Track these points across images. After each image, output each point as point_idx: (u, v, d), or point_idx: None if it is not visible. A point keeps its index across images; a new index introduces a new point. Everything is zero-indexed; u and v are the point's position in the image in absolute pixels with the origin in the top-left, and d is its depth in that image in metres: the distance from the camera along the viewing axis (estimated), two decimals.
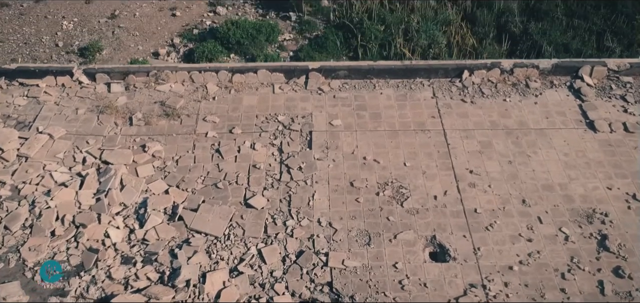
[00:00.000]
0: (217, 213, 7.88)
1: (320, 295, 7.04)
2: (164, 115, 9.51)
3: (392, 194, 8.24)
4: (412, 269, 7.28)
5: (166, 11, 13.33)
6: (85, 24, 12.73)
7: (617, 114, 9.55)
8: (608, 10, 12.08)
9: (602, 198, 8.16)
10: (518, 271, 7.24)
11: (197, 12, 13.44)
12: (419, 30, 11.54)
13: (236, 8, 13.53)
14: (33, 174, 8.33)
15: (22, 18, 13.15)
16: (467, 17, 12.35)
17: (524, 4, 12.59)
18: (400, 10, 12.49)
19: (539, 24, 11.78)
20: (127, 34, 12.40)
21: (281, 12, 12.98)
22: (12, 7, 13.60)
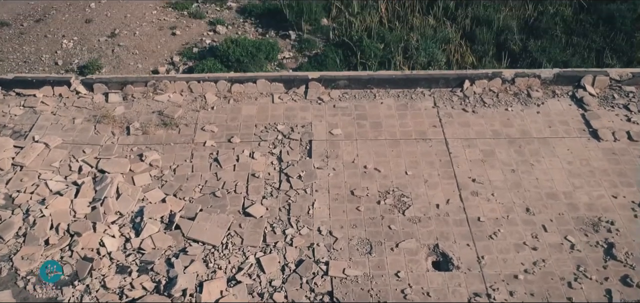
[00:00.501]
0: (215, 222, 7.72)
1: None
2: (161, 124, 9.40)
3: (394, 203, 8.08)
4: (414, 278, 7.09)
5: (166, 30, 13.34)
6: (85, 42, 12.71)
7: (620, 123, 9.44)
8: (607, 27, 12.08)
9: (607, 207, 8.01)
10: (523, 280, 7.06)
11: (197, 31, 13.44)
12: (418, 48, 11.51)
13: (236, 27, 13.53)
14: (28, 183, 8.19)
15: (22, 37, 13.15)
16: (467, 35, 12.34)
17: (523, 22, 12.61)
18: (399, 28, 12.49)
19: (539, 41, 11.76)
20: (127, 52, 12.37)
21: (281, 31, 12.98)
22: (12, 26, 13.62)
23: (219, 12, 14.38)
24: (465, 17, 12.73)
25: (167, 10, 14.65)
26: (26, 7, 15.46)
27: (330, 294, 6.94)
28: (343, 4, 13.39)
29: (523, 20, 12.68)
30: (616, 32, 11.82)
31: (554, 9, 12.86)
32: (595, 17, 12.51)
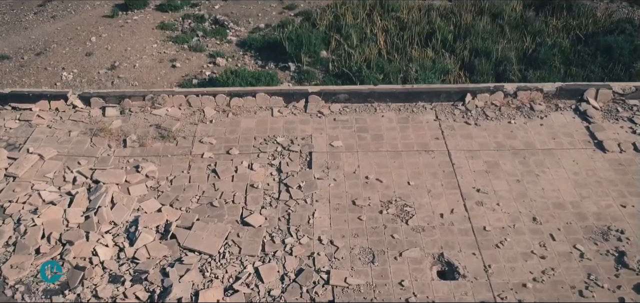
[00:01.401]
0: (212, 231, 7.47)
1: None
2: (159, 137, 9.23)
3: (396, 212, 7.85)
4: (419, 287, 6.81)
5: (166, 63, 13.34)
6: (85, 74, 12.68)
7: (625, 134, 9.29)
8: (605, 58, 12.09)
9: (616, 216, 7.78)
10: (532, 288, 6.78)
11: (197, 63, 13.44)
12: (418, 78, 11.45)
13: (236, 59, 13.55)
14: (20, 193, 7.96)
15: (22, 70, 13.15)
16: (465, 66, 12.32)
17: (521, 53, 12.62)
18: (398, 60, 12.48)
19: (537, 72, 11.74)
20: (126, 84, 12.32)
21: (280, 63, 12.97)
22: (13, 59, 13.65)
23: (219, 46, 14.42)
24: (463, 48, 12.72)
25: (167, 43, 14.71)
26: (27, 41, 15.53)
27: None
28: (342, 36, 13.44)
29: (521, 51, 12.70)
30: (614, 63, 11.80)
31: (552, 41, 12.91)
32: (593, 49, 12.53)
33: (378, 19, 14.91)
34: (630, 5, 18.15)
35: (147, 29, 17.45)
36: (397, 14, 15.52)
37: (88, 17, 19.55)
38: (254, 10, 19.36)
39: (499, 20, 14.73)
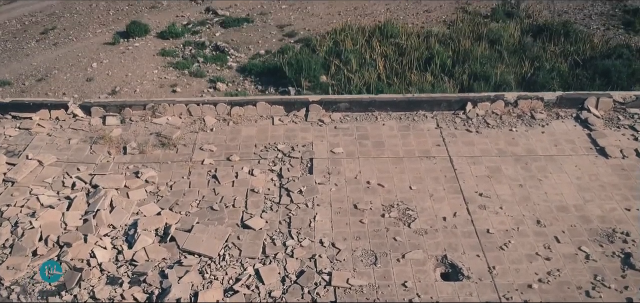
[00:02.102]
0: (212, 233, 7.37)
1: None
2: (159, 145, 9.19)
3: (399, 216, 7.76)
4: (423, 288, 6.68)
5: (167, 87, 13.43)
6: (85, 99, 12.71)
7: (627, 142, 9.25)
8: (603, 81, 12.18)
9: (621, 219, 7.69)
10: (538, 289, 6.65)
11: (198, 88, 13.55)
12: None
13: (236, 84, 13.65)
14: (18, 197, 7.89)
15: (23, 95, 13.24)
16: (464, 89, 12.40)
17: (520, 77, 12.72)
18: (397, 84, 12.58)
19: None
20: None
21: (280, 87, 13.05)
22: (14, 85, 13.75)
23: (220, 71, 14.54)
24: (462, 72, 12.82)
25: (168, 69, 14.85)
26: (29, 67, 15.68)
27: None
28: (341, 61, 13.55)
29: (520, 75, 12.81)
30: (612, 86, 11.86)
31: (550, 65, 13.02)
32: (591, 72, 12.65)
33: (377, 45, 15.07)
34: (627, 32, 18.38)
35: (148, 55, 17.64)
36: (396, 40, 15.70)
37: (89, 45, 19.78)
38: (255, 37, 19.60)
39: (497, 46, 14.91)
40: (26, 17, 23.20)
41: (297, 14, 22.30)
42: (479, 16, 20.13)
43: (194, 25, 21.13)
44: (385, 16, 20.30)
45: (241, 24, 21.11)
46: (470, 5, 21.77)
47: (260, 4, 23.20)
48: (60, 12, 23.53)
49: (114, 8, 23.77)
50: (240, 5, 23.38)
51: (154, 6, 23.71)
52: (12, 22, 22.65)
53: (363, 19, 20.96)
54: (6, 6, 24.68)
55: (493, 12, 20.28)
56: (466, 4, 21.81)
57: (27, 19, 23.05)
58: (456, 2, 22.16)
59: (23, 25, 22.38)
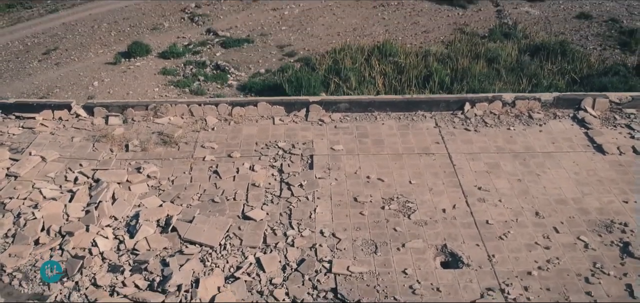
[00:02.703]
0: (213, 224, 7.42)
1: (323, 301, 6.43)
2: (161, 143, 9.29)
3: (398, 208, 7.82)
4: (423, 275, 6.71)
5: None
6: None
7: (624, 139, 9.35)
8: None
9: (619, 211, 7.75)
10: (537, 276, 6.68)
11: None
12: None
13: None
14: (21, 191, 7.95)
15: None
16: None
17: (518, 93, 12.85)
18: None
19: None
20: None
21: None
22: None
23: (220, 89, 14.69)
24: (460, 90, 12.96)
25: (169, 87, 15.00)
26: (30, 87, 15.85)
27: (334, 291, 6.53)
28: (341, 79, 13.71)
29: (518, 92, 12.92)
30: None
31: (547, 83, 13.17)
32: (588, 89, 12.78)
33: (376, 63, 15.25)
34: (623, 52, 18.62)
35: (149, 74, 17.82)
36: (395, 58, 15.91)
37: (91, 64, 19.99)
38: (255, 57, 19.83)
39: (495, 64, 15.07)
40: (29, 38, 23.50)
41: (296, 35, 22.60)
42: (477, 36, 20.41)
43: (194, 46, 21.39)
44: (384, 37, 20.59)
45: (242, 44, 21.38)
46: (468, 26, 22.10)
47: (260, 25, 23.56)
48: (62, 33, 23.85)
49: (115, 29, 24.10)
50: (240, 26, 23.73)
51: (155, 28, 24.06)
52: (15, 43, 22.94)
53: (362, 39, 21.23)
54: (9, 28, 25.03)
55: (490, 32, 20.57)
56: (464, 25, 22.15)
57: (29, 40, 23.35)
58: (454, 24, 22.53)
59: (25, 46, 22.66)
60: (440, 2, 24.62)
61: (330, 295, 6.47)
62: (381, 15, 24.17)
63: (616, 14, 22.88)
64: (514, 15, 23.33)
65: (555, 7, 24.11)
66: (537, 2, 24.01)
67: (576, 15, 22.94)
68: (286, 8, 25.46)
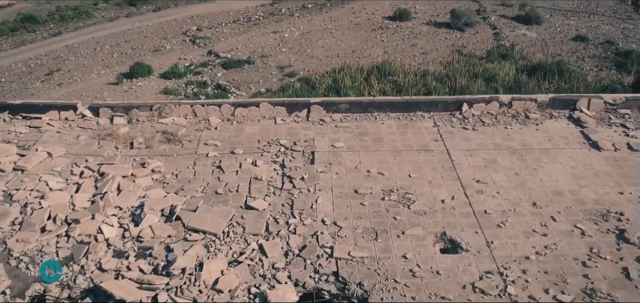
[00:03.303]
0: (217, 213, 7.56)
1: (325, 284, 6.54)
2: (165, 140, 9.47)
3: (398, 199, 7.97)
4: (423, 259, 6.83)
5: None
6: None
7: (619, 137, 9.55)
8: None
9: (615, 201, 7.90)
10: (535, 260, 6.80)
11: None
12: None
13: None
14: (28, 183, 8.09)
15: None
16: None
17: None
18: None
19: None
20: None
21: None
22: None
23: None
24: None
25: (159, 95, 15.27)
26: None
27: (335, 274, 6.64)
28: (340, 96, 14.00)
29: None
30: None
31: None
32: None
33: (375, 82, 15.57)
34: (619, 73, 18.99)
35: (150, 94, 18.14)
36: (394, 77, 16.25)
37: (93, 85, 20.30)
38: (255, 77, 20.16)
39: (493, 84, 15.38)
40: (32, 60, 23.91)
41: (297, 56, 23.01)
42: (474, 57, 20.83)
43: (196, 67, 21.77)
44: (383, 58, 20.98)
45: (242, 65, 21.76)
46: (466, 48, 22.54)
47: (261, 47, 23.98)
48: (65, 55, 24.28)
49: (117, 51, 24.55)
50: (241, 48, 24.16)
51: (157, 50, 24.52)
52: (18, 65, 23.35)
53: (361, 60, 21.61)
54: (12, 50, 25.46)
55: (488, 54, 21.00)
56: (461, 47, 22.59)
57: (32, 61, 23.75)
58: (452, 46, 22.97)
59: (28, 67, 23.05)
60: (438, 25, 25.14)
61: (332, 278, 6.59)
62: (380, 38, 24.66)
63: (612, 37, 23.38)
64: (511, 37, 23.82)
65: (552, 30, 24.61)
66: (533, 25, 24.49)
67: (572, 38, 23.43)
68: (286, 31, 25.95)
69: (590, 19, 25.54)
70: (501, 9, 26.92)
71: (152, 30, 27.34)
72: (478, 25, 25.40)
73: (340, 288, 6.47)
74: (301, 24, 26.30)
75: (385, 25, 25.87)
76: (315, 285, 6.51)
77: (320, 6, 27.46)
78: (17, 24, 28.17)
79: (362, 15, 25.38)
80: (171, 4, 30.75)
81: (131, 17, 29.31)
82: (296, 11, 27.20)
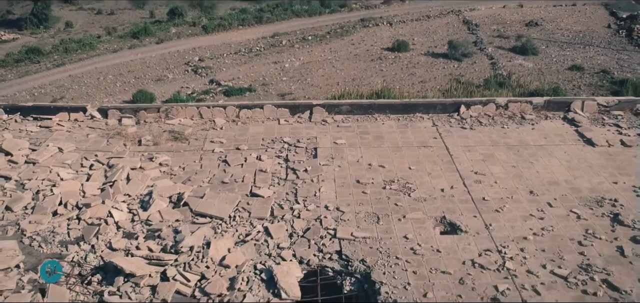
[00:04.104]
0: (223, 199, 7.79)
1: (329, 261, 6.74)
2: (172, 138, 9.74)
3: (399, 188, 8.21)
4: (423, 239, 7.04)
5: None
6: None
7: (612, 135, 9.84)
8: None
9: (609, 189, 8.14)
10: (533, 240, 7.01)
11: None
12: None
13: None
14: (40, 174, 8.34)
15: None
16: None
17: None
18: None
19: None
20: None
21: None
22: None
23: None
24: None
25: None
26: None
27: (338, 253, 6.84)
28: None
29: None
30: None
31: None
32: None
33: None
34: None
35: None
36: None
37: None
38: None
39: None
40: (36, 89, 24.39)
41: (297, 84, 23.50)
42: (472, 85, 21.35)
43: (198, 94, 22.22)
44: (382, 85, 21.48)
45: (244, 93, 22.19)
46: (463, 76, 23.07)
47: (262, 76, 24.49)
48: (68, 84, 24.78)
49: (120, 81, 25.06)
50: (242, 77, 24.69)
51: (159, 79, 25.05)
52: (23, 93, 23.83)
53: (360, 88, 22.10)
54: (17, 80, 25.98)
55: (485, 82, 21.54)
56: (459, 76, 23.11)
57: (36, 90, 24.23)
58: (449, 75, 23.52)
59: (33, 96, 23.51)
60: (436, 55, 25.72)
61: (336, 256, 6.79)
62: (379, 67, 25.21)
63: (607, 66, 23.93)
64: (508, 67, 24.35)
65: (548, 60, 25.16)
66: (530, 56, 25.04)
67: (568, 67, 23.96)
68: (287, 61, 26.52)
69: (585, 50, 26.04)
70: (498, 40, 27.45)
71: (154, 61, 27.89)
72: (475, 55, 25.94)
73: (343, 265, 6.67)
74: (301, 55, 26.78)
75: (384, 56, 26.44)
76: (319, 263, 6.71)
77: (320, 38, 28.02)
78: (22, 56, 28.74)
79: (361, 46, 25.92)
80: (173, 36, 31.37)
81: (134, 49, 29.87)
82: (296, 43, 27.74)
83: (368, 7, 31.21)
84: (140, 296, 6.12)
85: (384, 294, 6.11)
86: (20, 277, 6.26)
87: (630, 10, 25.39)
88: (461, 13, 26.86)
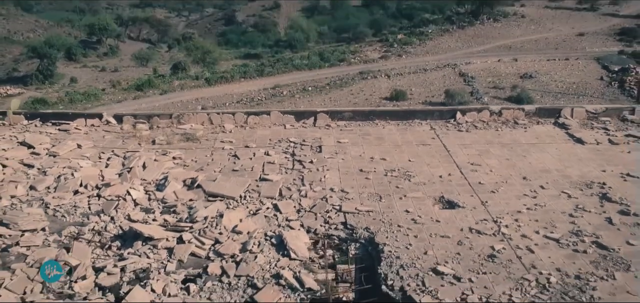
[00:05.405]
0: (234, 181, 8.26)
1: (335, 231, 7.16)
2: (184, 139, 10.28)
3: (400, 175, 8.69)
4: (423, 212, 7.47)
5: None
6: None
7: (601, 136, 10.39)
8: None
9: (598, 176, 8.62)
10: (526, 213, 7.44)
11: None
12: None
13: None
14: (61, 164, 8.84)
15: None
16: None
17: None
18: None
19: None
20: None
21: None
22: None
23: None
24: None
25: None
26: None
27: (343, 224, 7.27)
28: None
29: None
30: None
31: None
32: None
33: None
34: None
35: None
36: None
37: None
38: None
39: None
40: None
41: None
42: None
43: None
44: None
45: None
46: None
47: None
48: None
49: None
50: None
51: None
52: None
53: None
54: None
55: None
56: None
57: None
58: None
59: None
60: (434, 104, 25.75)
61: (341, 227, 7.21)
62: None
63: None
64: None
65: None
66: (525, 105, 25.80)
67: None
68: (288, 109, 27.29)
69: (579, 100, 26.64)
70: (494, 91, 27.88)
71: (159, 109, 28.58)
72: (472, 104, 26.60)
73: (348, 234, 7.08)
74: (302, 104, 27.34)
75: (382, 104, 27.11)
76: (325, 232, 7.13)
77: (320, 89, 28.61)
78: (28, 106, 29.48)
79: (360, 96, 26.43)
80: (177, 88, 32.10)
81: (138, 99, 30.50)
82: (297, 93, 28.35)
83: (366, 61, 32.35)
84: (158, 256, 6.52)
85: (387, 253, 6.51)
86: (46, 237, 6.67)
87: (621, 64, 26.38)
88: (457, 66, 27.87)
